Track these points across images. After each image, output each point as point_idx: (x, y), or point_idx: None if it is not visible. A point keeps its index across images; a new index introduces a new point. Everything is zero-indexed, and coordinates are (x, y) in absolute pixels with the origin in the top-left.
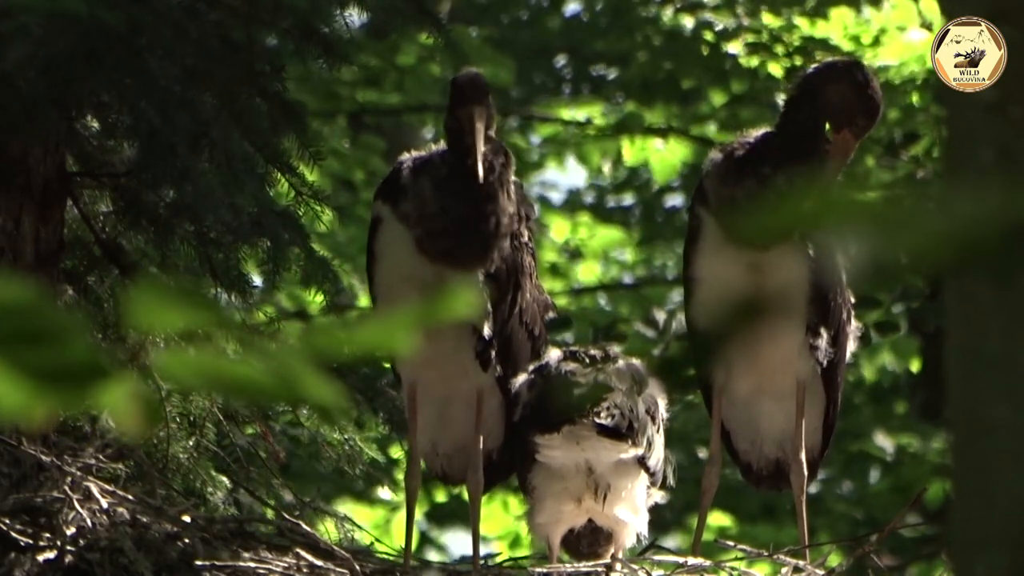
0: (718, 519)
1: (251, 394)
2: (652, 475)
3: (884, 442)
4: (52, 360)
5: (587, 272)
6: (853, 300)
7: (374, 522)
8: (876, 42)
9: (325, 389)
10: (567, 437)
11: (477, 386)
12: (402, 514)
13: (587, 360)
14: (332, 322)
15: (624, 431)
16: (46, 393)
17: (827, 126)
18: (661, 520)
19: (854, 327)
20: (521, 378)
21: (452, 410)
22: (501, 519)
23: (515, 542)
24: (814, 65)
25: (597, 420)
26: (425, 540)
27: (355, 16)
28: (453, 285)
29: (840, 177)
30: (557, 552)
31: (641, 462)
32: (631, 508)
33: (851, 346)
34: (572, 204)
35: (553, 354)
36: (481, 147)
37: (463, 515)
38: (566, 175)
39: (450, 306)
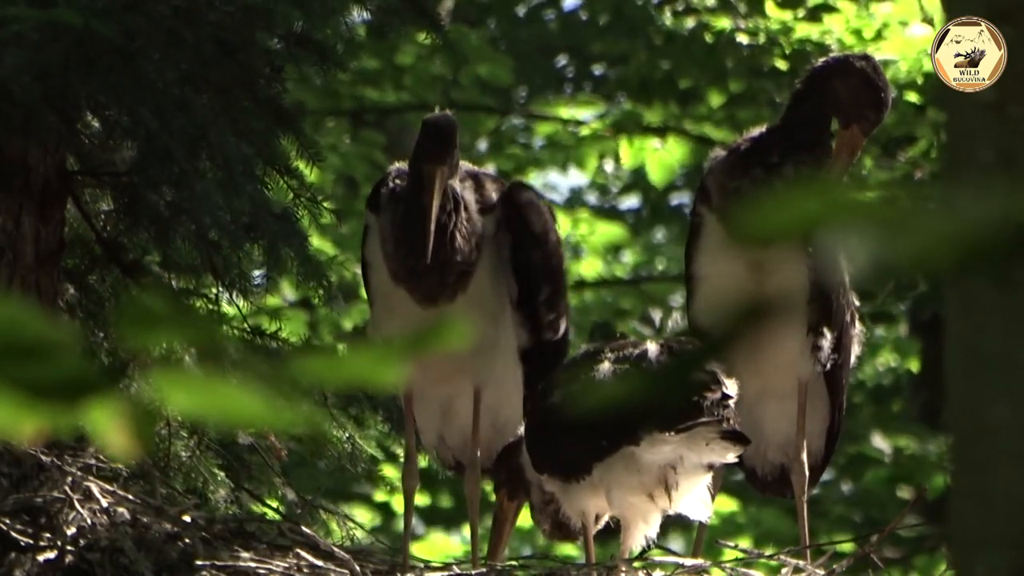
0: (725, 504)
1: (241, 420)
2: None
3: (882, 444)
4: (41, 375)
5: (588, 268)
6: (857, 303)
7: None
8: (878, 36)
9: (313, 417)
10: (692, 437)
11: (476, 384)
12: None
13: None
14: (324, 351)
15: (744, 435)
16: (35, 408)
17: (834, 124)
18: (662, 519)
19: (858, 330)
20: (605, 367)
21: (456, 403)
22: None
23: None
24: (822, 59)
25: (727, 426)
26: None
27: (354, 18)
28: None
29: (847, 174)
30: (592, 533)
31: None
32: (702, 503)
33: (855, 350)
34: (573, 202)
35: (651, 347)
36: (432, 226)
37: (461, 518)
38: (567, 178)
39: (441, 338)
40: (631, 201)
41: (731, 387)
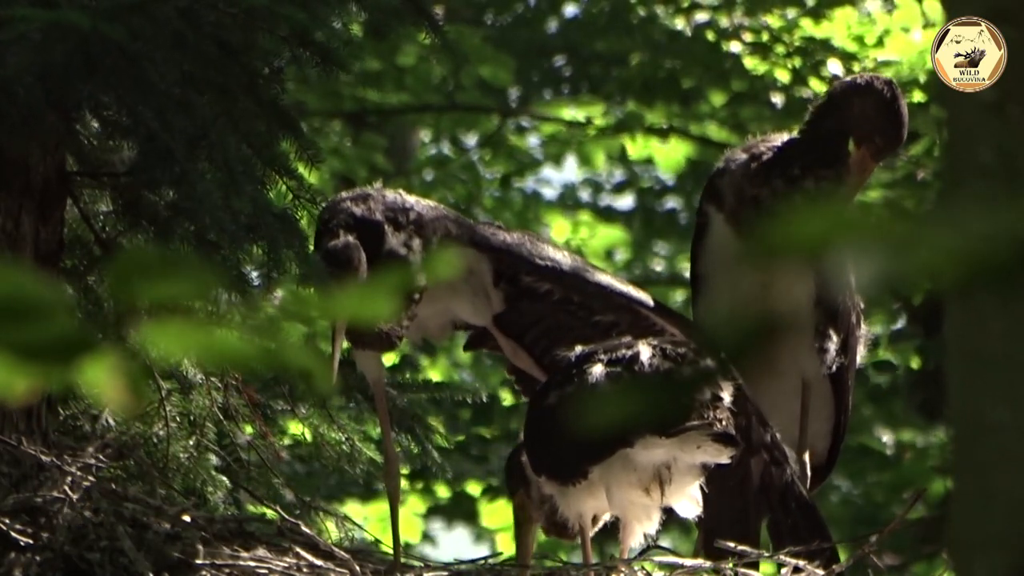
0: None
1: (237, 362)
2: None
3: (885, 437)
4: (34, 334)
5: None
6: (862, 306)
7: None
8: (880, 43)
9: (308, 358)
10: (684, 441)
11: None
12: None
13: (679, 358)
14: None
15: (737, 437)
16: (29, 367)
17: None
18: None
19: (864, 332)
20: (598, 369)
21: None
22: (504, 513)
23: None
24: (848, 77)
25: (718, 428)
26: (425, 537)
27: (352, 15)
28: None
29: (858, 193)
30: (589, 535)
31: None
32: (693, 501)
33: (861, 351)
34: (568, 199)
35: (643, 350)
36: (336, 362)
37: (463, 514)
38: (562, 172)
39: (428, 272)
40: (625, 200)
41: (725, 389)
